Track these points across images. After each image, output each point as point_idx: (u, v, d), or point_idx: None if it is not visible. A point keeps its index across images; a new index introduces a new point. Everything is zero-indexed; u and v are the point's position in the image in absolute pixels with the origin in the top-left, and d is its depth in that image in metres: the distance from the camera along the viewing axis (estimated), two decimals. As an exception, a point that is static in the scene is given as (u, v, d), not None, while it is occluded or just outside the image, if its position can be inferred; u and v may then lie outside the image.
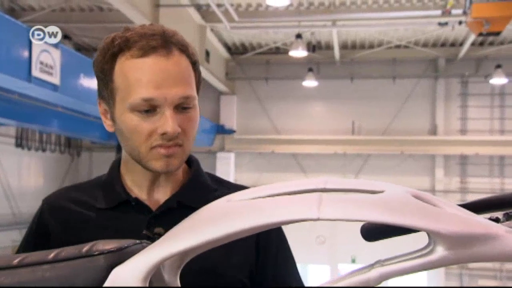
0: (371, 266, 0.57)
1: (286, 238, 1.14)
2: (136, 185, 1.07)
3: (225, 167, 12.39)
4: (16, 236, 8.89)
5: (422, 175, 12.39)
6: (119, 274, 0.61)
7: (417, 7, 9.44)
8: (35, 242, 1.10)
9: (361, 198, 0.58)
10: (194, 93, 1.00)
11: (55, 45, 5.83)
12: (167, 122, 0.95)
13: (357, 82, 12.56)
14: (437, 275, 11.76)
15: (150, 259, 0.60)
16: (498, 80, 11.42)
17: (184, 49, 1.00)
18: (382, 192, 0.60)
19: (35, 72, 5.45)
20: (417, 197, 0.59)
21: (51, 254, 0.64)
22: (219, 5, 8.61)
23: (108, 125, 1.05)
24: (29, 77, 5.38)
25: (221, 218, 0.61)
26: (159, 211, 1.04)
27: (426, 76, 12.46)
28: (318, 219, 0.57)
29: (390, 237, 0.90)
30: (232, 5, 8.86)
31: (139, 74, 0.95)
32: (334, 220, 0.62)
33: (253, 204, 0.61)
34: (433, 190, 12.27)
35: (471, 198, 7.78)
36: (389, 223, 0.55)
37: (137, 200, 1.04)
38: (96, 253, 0.63)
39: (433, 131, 12.34)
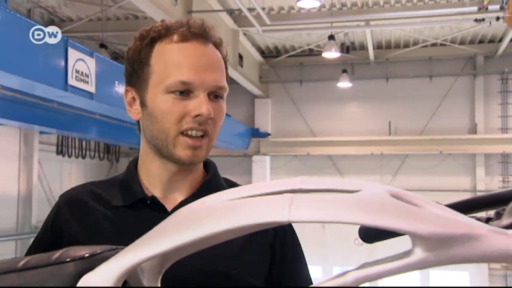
0: (353, 269, 0.55)
1: (299, 242, 1.14)
2: (152, 184, 1.06)
3: (261, 170, 12.42)
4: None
5: (463, 175, 12.11)
6: (88, 281, 0.58)
7: (452, 4, 9.25)
8: (50, 238, 1.09)
9: (335, 198, 0.56)
10: (227, 85, 1.02)
11: (90, 54, 5.99)
12: (203, 104, 0.96)
13: (393, 82, 12.39)
14: (481, 275, 11.46)
15: (120, 264, 0.58)
16: (540, 75, 11.08)
17: (218, 44, 1.03)
18: (358, 191, 0.57)
19: (71, 81, 5.61)
20: (396, 196, 0.56)
21: (20, 262, 0.62)
22: (250, 9, 8.66)
23: (134, 112, 1.06)
24: (65, 86, 5.54)
25: (194, 221, 0.59)
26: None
27: (464, 74, 12.18)
28: (288, 222, 0.55)
29: (389, 238, 0.89)
30: (263, 8, 8.90)
31: (178, 58, 0.98)
32: (305, 222, 0.62)
33: (226, 206, 0.60)
34: (474, 190, 11.97)
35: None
36: (364, 224, 0.53)
37: (153, 199, 1.04)
38: (67, 260, 0.61)
39: (473, 129, 12.04)
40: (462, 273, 11.81)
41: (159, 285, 0.65)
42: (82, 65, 5.87)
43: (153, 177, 1.07)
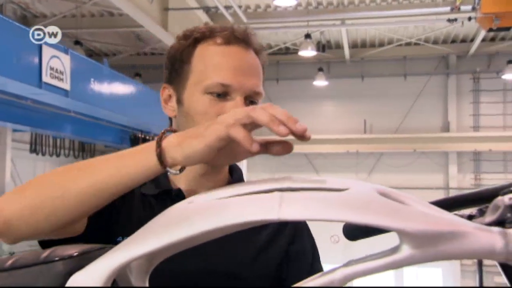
0: (342, 266, 0.56)
1: (316, 246, 1.14)
2: (177, 178, 1.06)
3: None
4: (33, 241, 9.01)
5: (436, 173, 12.31)
6: (77, 280, 0.58)
7: (426, 4, 9.38)
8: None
9: (324, 197, 0.57)
10: (263, 92, 1.02)
11: (65, 51, 5.91)
12: (239, 107, 0.94)
13: (368, 80, 12.52)
14: (453, 272, 11.68)
15: (110, 263, 0.58)
16: (510, 75, 11.30)
17: (258, 51, 1.04)
18: (346, 189, 0.58)
19: (46, 78, 5.53)
20: (384, 194, 0.58)
21: (9, 261, 0.62)
22: (227, 7, 8.65)
23: (169, 110, 1.06)
24: (40, 83, 5.46)
25: (182, 220, 0.59)
26: None
27: (437, 73, 12.38)
28: (278, 220, 0.55)
29: (372, 236, 0.90)
30: (240, 6, 8.89)
31: (219, 60, 0.98)
32: (295, 220, 0.63)
33: (214, 205, 0.60)
34: (447, 187, 12.19)
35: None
36: (352, 222, 0.54)
37: (179, 191, 1.03)
38: (55, 259, 0.61)
39: (446, 128, 12.25)
40: (435, 270, 12.01)
41: (147, 284, 0.65)
42: (57, 62, 5.79)
43: (178, 175, 1.05)
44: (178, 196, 1.03)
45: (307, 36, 9.80)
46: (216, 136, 0.70)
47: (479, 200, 0.68)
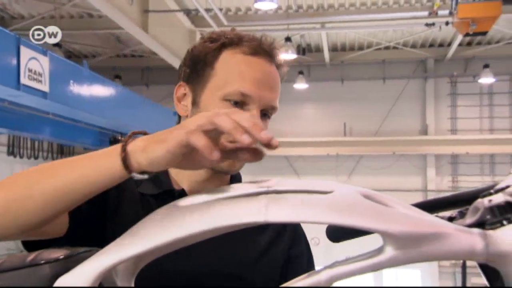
0: (327, 267, 0.57)
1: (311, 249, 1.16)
2: (180, 180, 1.06)
3: (218, 171, 12.38)
4: (11, 245, 8.88)
5: (414, 175, 12.44)
6: (64, 283, 0.59)
7: (404, 8, 9.51)
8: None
9: (309, 199, 0.58)
10: (278, 107, 1.03)
11: (44, 53, 5.84)
12: (256, 119, 0.96)
13: (348, 84, 12.61)
14: (431, 273, 11.81)
15: (97, 266, 0.58)
16: (486, 79, 11.51)
17: (279, 65, 1.04)
18: (331, 192, 0.59)
19: (24, 80, 5.46)
20: (367, 196, 0.59)
21: None
22: (208, 10, 8.65)
23: (182, 108, 1.06)
24: (18, 85, 5.39)
25: (170, 223, 0.60)
26: None
27: (415, 76, 12.53)
28: (265, 222, 0.56)
29: (355, 237, 0.92)
30: (221, 9, 8.90)
31: (244, 69, 0.99)
32: (281, 222, 0.64)
33: (202, 207, 0.61)
34: (425, 190, 12.34)
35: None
36: (336, 224, 0.55)
37: (182, 192, 1.03)
38: (42, 262, 0.61)
39: (424, 131, 12.40)
40: (414, 271, 12.13)
41: (132, 285, 0.65)
42: (35, 64, 5.72)
43: (182, 175, 1.06)
44: (181, 196, 1.02)
45: (288, 39, 9.84)
46: (177, 142, 0.68)
47: (459, 202, 0.70)
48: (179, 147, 0.68)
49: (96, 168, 0.73)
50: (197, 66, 1.03)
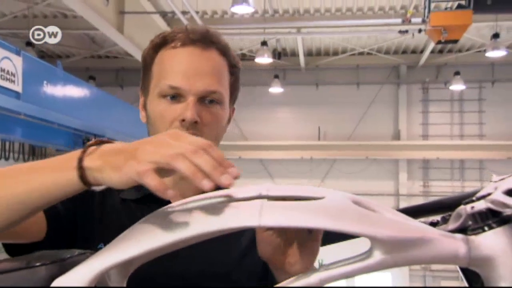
0: (316, 270, 0.59)
1: None
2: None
3: (192, 174, 12.31)
4: None
5: (387, 179, 12.61)
6: (60, 284, 0.59)
7: (378, 15, 9.65)
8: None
9: (301, 205, 0.59)
10: (223, 90, 1.01)
11: (17, 52, 5.74)
12: (187, 110, 0.96)
13: (322, 88, 12.72)
14: (402, 276, 11.97)
15: (92, 268, 0.59)
16: (457, 86, 11.74)
17: (223, 50, 1.03)
18: (322, 198, 0.61)
19: (-3, 80, 5.36)
20: (356, 202, 0.61)
21: None
22: (184, 12, 8.62)
23: (142, 116, 1.06)
24: (-10, 85, 5.29)
25: (163, 227, 0.61)
26: None
27: (388, 82, 12.72)
28: (259, 226, 0.58)
29: (338, 241, 0.94)
30: (197, 12, 8.88)
31: (172, 62, 0.99)
32: (275, 227, 0.65)
33: (196, 212, 0.62)
34: (397, 194, 12.51)
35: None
36: (328, 229, 0.57)
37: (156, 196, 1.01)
38: (37, 264, 0.62)
39: (396, 136, 12.58)
40: (384, 274, 12.27)
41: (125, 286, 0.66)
42: (8, 64, 5.61)
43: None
44: (161, 199, 1.02)
45: (264, 43, 9.89)
46: (128, 177, 0.64)
47: (443, 208, 0.72)
48: (132, 182, 0.65)
49: (54, 181, 0.70)
50: (143, 71, 1.05)
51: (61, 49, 11.75)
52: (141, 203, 1.00)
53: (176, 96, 0.98)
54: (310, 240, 0.83)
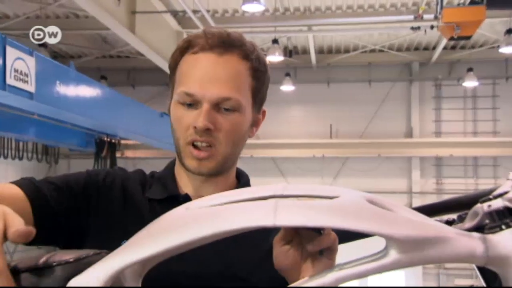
0: (331, 270, 0.59)
1: None
2: (184, 185, 1.07)
3: (204, 172, 12.35)
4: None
5: (399, 177, 12.54)
6: (76, 284, 0.59)
7: (390, 12, 9.59)
8: (74, 195, 1.01)
9: (316, 204, 0.59)
10: (240, 97, 0.99)
11: (30, 53, 5.79)
12: (200, 116, 0.96)
13: (334, 86, 12.68)
14: (415, 275, 11.91)
15: (108, 268, 0.59)
16: (470, 83, 11.65)
17: (245, 54, 1.01)
18: (337, 197, 0.60)
19: (10, 80, 5.40)
20: (371, 202, 0.60)
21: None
22: (195, 11, 8.63)
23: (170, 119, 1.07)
24: (3, 85, 5.33)
25: (179, 226, 0.61)
26: None
27: (400, 79, 12.64)
28: (274, 226, 0.57)
29: (351, 241, 0.93)
30: (208, 11, 8.90)
31: (189, 69, 0.99)
32: (290, 226, 0.64)
33: (210, 211, 0.62)
34: (410, 192, 12.44)
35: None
36: (343, 228, 0.56)
37: (186, 197, 1.03)
38: (54, 264, 0.62)
39: (409, 133, 12.51)
40: (398, 273, 12.22)
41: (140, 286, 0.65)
42: (21, 64, 5.65)
43: (184, 180, 1.07)
44: (185, 201, 1.00)
45: (274, 41, 9.88)
46: None
47: (459, 206, 0.72)
48: None
49: None
50: (170, 75, 1.06)
51: (73, 49, 11.83)
52: (164, 204, 1.01)
53: (191, 103, 0.98)
54: (325, 258, 0.83)
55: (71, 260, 0.62)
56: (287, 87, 12.15)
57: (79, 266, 0.61)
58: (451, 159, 12.24)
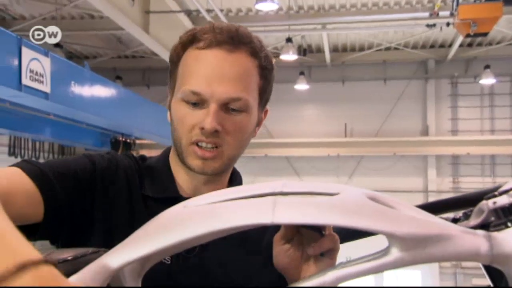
0: (332, 268, 0.58)
1: None
2: (181, 181, 1.04)
3: (219, 172, 12.38)
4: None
5: (415, 176, 12.44)
6: (74, 282, 0.58)
7: (405, 9, 9.51)
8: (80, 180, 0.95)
9: (316, 202, 0.58)
10: (249, 97, 0.95)
11: (45, 53, 5.85)
12: (207, 117, 0.92)
13: (349, 84, 12.62)
14: (432, 274, 11.81)
15: (106, 266, 0.58)
16: (487, 80, 11.51)
17: (253, 51, 0.97)
18: (337, 194, 0.59)
19: (26, 81, 5.46)
20: (373, 199, 0.59)
21: None
22: (209, 11, 8.65)
23: (168, 115, 1.02)
24: (19, 86, 5.39)
25: (177, 224, 0.60)
26: None
27: (416, 77, 12.54)
28: (272, 224, 0.56)
29: (354, 239, 0.92)
30: (222, 10, 8.91)
31: (196, 65, 0.94)
32: (289, 224, 0.63)
33: (209, 209, 0.61)
34: (426, 191, 12.33)
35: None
36: (343, 226, 0.55)
37: (182, 196, 1.00)
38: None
39: (425, 132, 12.40)
40: (414, 272, 12.13)
41: (139, 286, 0.64)
42: (37, 65, 5.72)
43: (183, 180, 1.03)
44: (182, 200, 1.00)
45: (289, 40, 9.85)
46: None
47: (464, 204, 0.70)
48: None
49: None
50: (170, 69, 1.01)
51: (88, 50, 11.93)
52: (162, 203, 0.95)
53: (197, 102, 0.94)
54: (326, 257, 0.81)
55: (69, 258, 0.62)
56: (301, 86, 12.12)
57: (77, 264, 0.61)
58: (468, 157, 12.11)
